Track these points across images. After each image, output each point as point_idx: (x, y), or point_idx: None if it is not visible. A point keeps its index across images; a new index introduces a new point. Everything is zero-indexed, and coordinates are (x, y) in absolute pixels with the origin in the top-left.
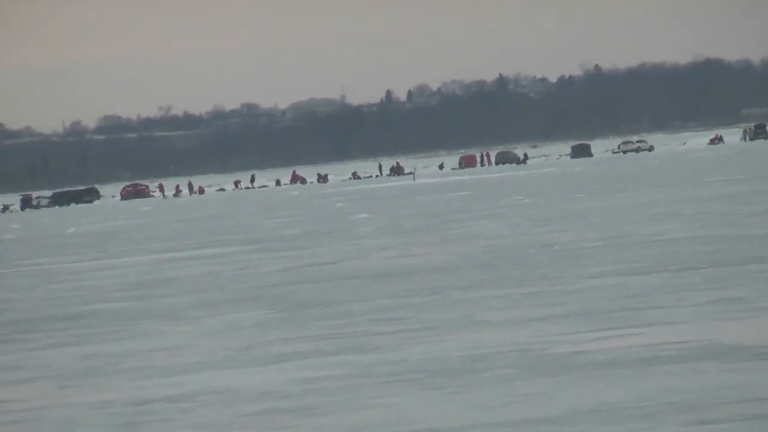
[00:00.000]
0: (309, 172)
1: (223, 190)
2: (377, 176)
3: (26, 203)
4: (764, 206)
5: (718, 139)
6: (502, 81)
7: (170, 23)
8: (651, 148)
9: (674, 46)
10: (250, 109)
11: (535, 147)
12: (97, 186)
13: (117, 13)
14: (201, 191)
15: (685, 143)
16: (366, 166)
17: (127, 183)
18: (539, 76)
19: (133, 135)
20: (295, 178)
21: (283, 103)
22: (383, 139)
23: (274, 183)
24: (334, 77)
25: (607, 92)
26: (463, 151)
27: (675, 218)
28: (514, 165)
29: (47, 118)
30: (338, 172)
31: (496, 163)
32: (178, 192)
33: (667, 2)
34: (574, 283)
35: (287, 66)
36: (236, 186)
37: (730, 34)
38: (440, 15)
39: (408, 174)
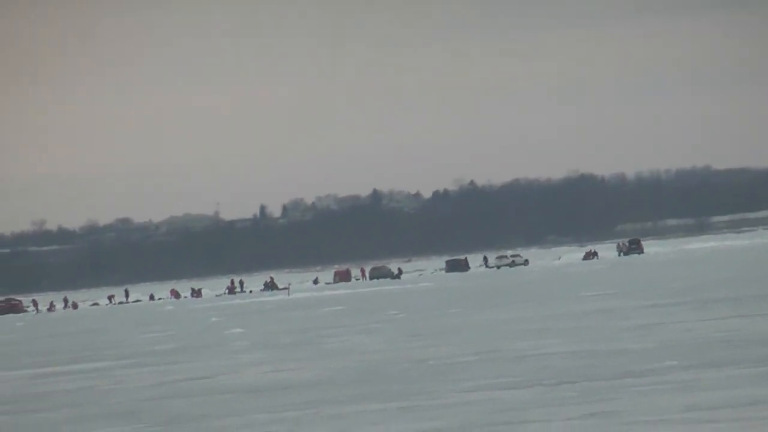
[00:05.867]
0: (183, 287)
1: (96, 305)
2: (219, 294)
3: None
4: (637, 321)
5: (592, 254)
6: (376, 196)
7: (43, 139)
8: (526, 263)
9: (548, 162)
10: (124, 223)
11: (409, 261)
12: None
13: None
14: (75, 306)
15: (560, 258)
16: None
17: (0, 298)
18: (413, 191)
19: (5, 250)
20: (172, 294)
21: (158, 218)
22: (257, 254)
23: (148, 297)
24: (208, 192)
25: (482, 207)
26: (337, 265)
27: (549, 333)
28: (388, 279)
29: None
30: (212, 286)
31: (371, 278)
32: (51, 307)
33: (541, 118)
34: (449, 398)
35: (162, 181)
36: (110, 301)
37: (605, 149)
38: (315, 130)
39: (282, 289)
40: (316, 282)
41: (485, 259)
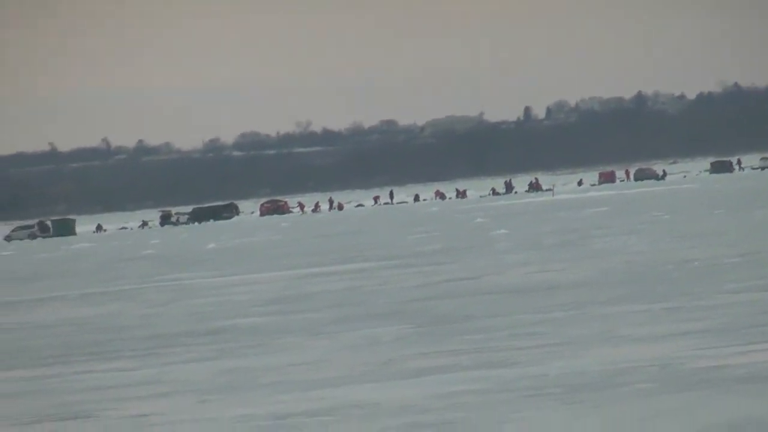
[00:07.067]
0: (448, 188)
1: (361, 206)
2: (484, 195)
3: (165, 219)
4: None
5: None
6: (640, 98)
7: (308, 42)
8: None
9: None
10: (389, 125)
11: (674, 163)
12: (235, 202)
13: (254, 32)
14: (340, 207)
15: None
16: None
17: (266, 199)
18: (677, 93)
19: (271, 151)
20: (437, 195)
21: (422, 120)
22: (521, 155)
23: (413, 199)
24: (472, 94)
25: (746, 109)
26: (601, 167)
27: None
28: (652, 181)
29: (186, 134)
30: (477, 188)
31: (635, 179)
32: (317, 208)
33: None
34: (714, 299)
35: (426, 83)
36: (375, 202)
37: None
38: (579, 32)
39: (547, 190)
40: (580, 183)
41: (739, 162)
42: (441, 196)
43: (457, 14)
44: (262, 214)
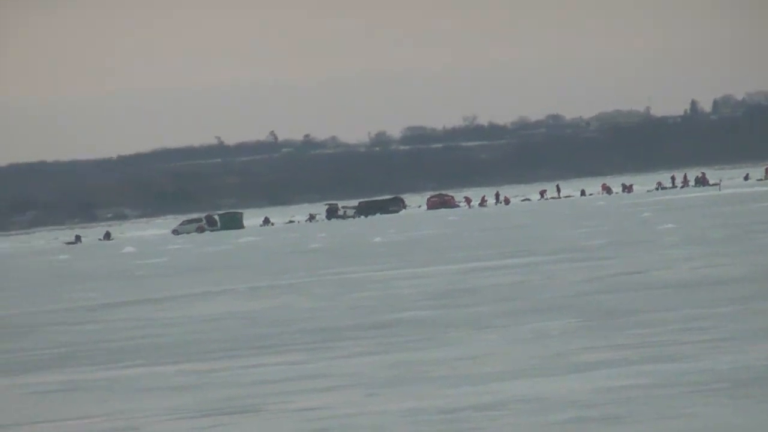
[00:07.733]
0: (614, 182)
1: (528, 200)
2: (651, 190)
3: (332, 213)
4: None
5: None
6: None
7: (475, 34)
8: None
9: None
10: (555, 119)
11: None
12: (402, 196)
13: (419, 23)
14: (506, 201)
15: None
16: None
17: (433, 193)
18: None
19: (438, 145)
20: (603, 189)
21: (588, 114)
22: (687, 149)
23: (579, 193)
24: (639, 88)
25: None
26: None
27: None
28: None
29: (352, 128)
30: (643, 182)
31: None
32: (483, 202)
33: None
34: None
35: (593, 77)
36: (542, 196)
37: None
38: (744, 24)
39: (713, 185)
40: (746, 178)
41: None
42: (607, 190)
43: (624, 6)
44: (429, 208)
